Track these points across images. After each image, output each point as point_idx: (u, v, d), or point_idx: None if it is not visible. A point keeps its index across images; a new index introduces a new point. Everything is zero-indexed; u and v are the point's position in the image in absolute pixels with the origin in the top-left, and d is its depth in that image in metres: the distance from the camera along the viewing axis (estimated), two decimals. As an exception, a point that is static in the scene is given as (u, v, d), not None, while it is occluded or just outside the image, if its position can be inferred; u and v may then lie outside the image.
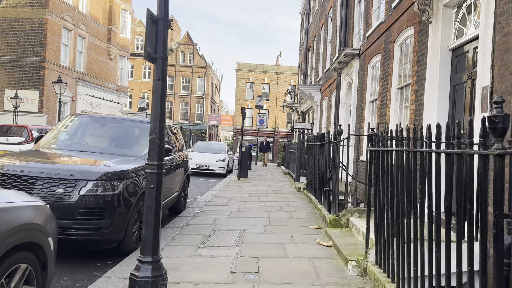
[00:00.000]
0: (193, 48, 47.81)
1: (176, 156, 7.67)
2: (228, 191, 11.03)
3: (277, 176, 16.71)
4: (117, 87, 29.97)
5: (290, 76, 46.80)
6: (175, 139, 8.10)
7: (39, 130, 13.88)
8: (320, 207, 7.84)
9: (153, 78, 3.20)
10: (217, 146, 18.74)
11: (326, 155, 7.29)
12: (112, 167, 4.96)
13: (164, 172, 3.24)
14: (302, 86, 17.70)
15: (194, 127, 47.74)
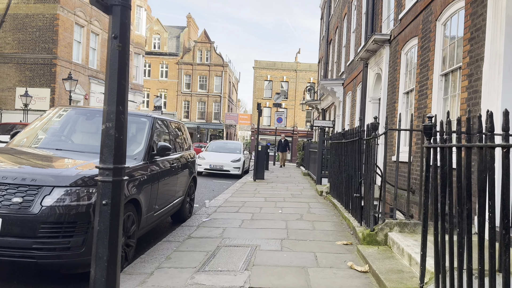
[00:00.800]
0: (210, 46, 46.98)
1: (180, 156, 6.63)
2: (241, 194, 9.93)
3: (296, 178, 15.52)
4: (132, 86, 29.30)
5: (309, 74, 45.42)
6: (179, 136, 7.05)
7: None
8: (347, 216, 6.65)
9: (108, 36, 2.09)
10: (232, 145, 17.67)
11: (356, 154, 6.10)
12: (87, 170, 3.91)
13: (124, 180, 2.14)
14: (323, 81, 16.47)
15: (211, 127, 46.92)
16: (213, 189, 11.84)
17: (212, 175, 15.95)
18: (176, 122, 7.11)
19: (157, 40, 47.48)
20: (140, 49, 30.04)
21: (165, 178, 5.54)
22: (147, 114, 5.69)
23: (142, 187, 4.66)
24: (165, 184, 5.57)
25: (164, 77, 47.28)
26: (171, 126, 6.60)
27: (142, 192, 4.65)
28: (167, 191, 5.71)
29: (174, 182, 6.02)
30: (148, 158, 5.05)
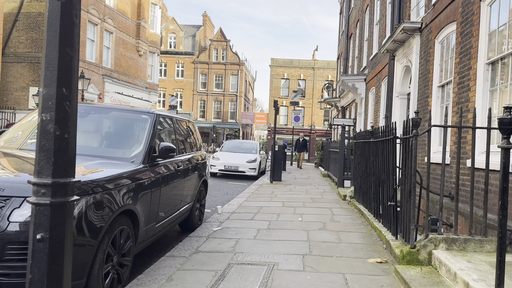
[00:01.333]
0: (226, 45, 46.40)
1: (189, 157, 5.93)
2: (257, 198, 9.18)
3: (315, 179, 14.69)
4: (147, 85, 28.91)
5: (328, 71, 44.34)
6: (188, 136, 6.36)
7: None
8: (377, 225, 5.83)
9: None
10: (248, 145, 16.94)
11: (388, 155, 5.29)
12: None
13: (72, 202, 1.41)
14: (344, 76, 15.57)
15: (227, 126, 46.34)
16: (227, 191, 11.13)
17: (226, 176, 15.26)
18: (185, 121, 6.42)
19: (173, 39, 47.16)
20: (155, 47, 29.61)
21: (170, 183, 4.84)
22: (148, 110, 5.00)
23: (140, 196, 3.96)
24: (170, 190, 4.87)
25: (180, 77, 46.92)
26: (178, 125, 5.90)
27: (139, 202, 3.95)
28: (172, 198, 5.01)
29: (180, 187, 5.32)
30: (148, 160, 4.35)
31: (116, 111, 4.98)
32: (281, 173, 13.38)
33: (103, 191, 3.35)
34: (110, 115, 4.85)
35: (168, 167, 4.83)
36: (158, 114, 4.99)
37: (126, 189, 3.70)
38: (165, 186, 4.68)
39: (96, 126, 4.73)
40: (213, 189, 11.37)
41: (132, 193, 3.81)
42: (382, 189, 5.70)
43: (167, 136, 5.36)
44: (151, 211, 4.28)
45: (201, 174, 6.50)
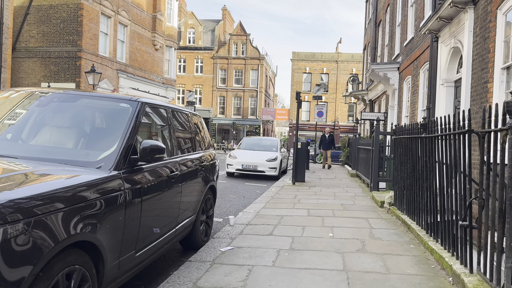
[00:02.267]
0: (246, 39, 45.12)
1: (190, 159, 4.70)
2: (278, 204, 7.88)
3: (342, 180, 13.25)
4: (164, 80, 27.96)
5: (352, 64, 42.49)
6: (190, 132, 5.12)
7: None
8: (433, 246, 4.45)
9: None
10: (267, 142, 15.60)
11: (455, 156, 3.89)
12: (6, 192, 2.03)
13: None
14: (374, 65, 14.03)
15: (247, 123, 45.12)
16: (244, 195, 9.86)
17: (244, 176, 14.00)
18: (187, 113, 5.16)
19: (192, 35, 46.21)
20: (172, 41, 28.61)
21: (158, 194, 3.60)
22: (131, 98, 3.77)
23: (105, 217, 2.72)
24: (158, 204, 3.64)
25: (199, 73, 45.97)
26: (177, 118, 4.66)
27: (105, 226, 2.71)
28: (162, 214, 3.77)
29: (175, 198, 4.08)
30: (124, 165, 3.11)
31: (87, 98, 3.75)
32: (304, 173, 12.02)
33: (34, 216, 2.12)
34: (78, 104, 3.62)
35: (156, 172, 3.58)
36: (143, 102, 3.74)
37: (79, 210, 2.46)
38: (150, 198, 3.43)
39: (58, 118, 3.52)
40: (228, 192, 10.13)
41: (91, 215, 2.57)
42: (443, 200, 4.30)
43: (158, 132, 4.12)
44: (127, 236, 3.04)
45: (207, 178, 5.24)
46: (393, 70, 13.79)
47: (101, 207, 2.68)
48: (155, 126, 4.04)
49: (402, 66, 13.21)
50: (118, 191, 2.91)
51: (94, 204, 2.61)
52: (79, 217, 2.44)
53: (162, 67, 27.80)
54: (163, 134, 4.18)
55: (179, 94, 45.30)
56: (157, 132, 4.08)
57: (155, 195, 3.52)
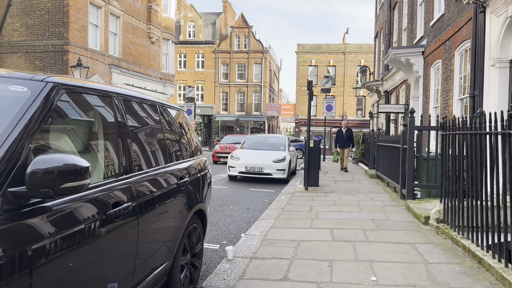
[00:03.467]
0: (249, 31, 43.30)
1: (164, 173, 3.04)
2: (290, 220, 6.18)
3: (362, 182, 11.52)
4: (161, 75, 26.30)
5: (360, 56, 40.56)
6: (164, 132, 3.45)
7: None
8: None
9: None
10: (274, 140, 13.86)
11: None
12: None
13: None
14: (395, 50, 12.23)
15: (252, 119, 43.39)
16: (248, 205, 8.17)
17: (248, 180, 12.32)
18: (157, 104, 3.48)
19: (192, 28, 44.45)
20: (169, 33, 26.90)
21: (80, 247, 1.92)
22: (33, 76, 2.09)
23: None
24: (81, 263, 1.96)
25: (200, 68, 44.24)
26: (137, 113, 3.00)
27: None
28: (92, 277, 2.09)
29: (124, 245, 2.40)
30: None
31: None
32: (318, 176, 10.31)
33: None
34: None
35: (70, 216, 1.90)
36: (57, 84, 2.08)
37: None
38: (70, 253, 1.77)
39: None
40: (228, 201, 8.44)
41: None
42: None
43: (95, 138, 2.43)
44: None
45: (191, 200, 3.57)
46: (416, 54, 12.01)
47: None
48: (87, 127, 2.36)
49: (428, 50, 11.43)
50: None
51: None
52: None
53: (159, 62, 26.12)
54: (106, 140, 2.49)
55: (180, 90, 43.67)
56: (92, 138, 2.39)
57: (72, 249, 1.84)
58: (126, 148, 2.60)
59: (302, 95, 41.58)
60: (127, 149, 2.61)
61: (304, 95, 41.64)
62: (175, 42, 43.76)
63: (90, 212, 2.03)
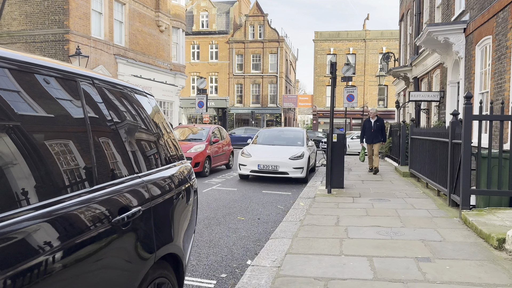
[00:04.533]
0: (263, 20, 41.57)
1: (87, 204, 1.51)
2: (312, 241, 4.70)
3: (394, 182, 9.93)
4: (171, 66, 24.99)
5: (382, 43, 38.42)
6: (109, 132, 1.95)
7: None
8: None
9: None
10: (290, 133, 12.31)
11: None
12: None
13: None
14: (431, 27, 10.48)
15: (267, 111, 41.82)
16: (259, 214, 6.72)
17: (261, 179, 10.86)
18: (90, 80, 2.00)
19: (205, 18, 42.99)
20: (179, 22, 25.51)
21: None
22: None
23: None
24: None
25: (214, 59, 42.81)
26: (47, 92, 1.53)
27: None
28: None
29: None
30: None
31: None
32: (342, 176, 8.77)
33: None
34: None
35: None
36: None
37: None
38: None
39: None
40: (236, 208, 7.00)
41: None
42: None
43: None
44: None
45: (149, 241, 2.12)
46: (457, 32, 10.27)
47: None
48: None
49: (472, 26, 9.68)
50: None
51: None
52: None
53: (169, 52, 24.80)
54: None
55: (194, 83, 42.38)
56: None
57: None
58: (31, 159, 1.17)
59: (320, 86, 39.77)
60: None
61: (322, 85, 39.82)
62: (188, 32, 42.45)
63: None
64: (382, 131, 11.59)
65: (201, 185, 9.69)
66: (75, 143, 1.72)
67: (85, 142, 1.79)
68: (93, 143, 1.83)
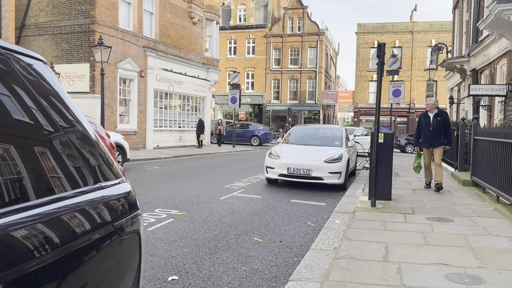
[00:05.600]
0: (303, 12, 39.83)
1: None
2: (352, 285, 3.23)
3: (454, 193, 8.17)
4: (204, 60, 23.98)
5: (431, 35, 35.62)
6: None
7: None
8: None
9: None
10: (327, 132, 10.72)
11: None
12: None
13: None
14: (502, 5, 8.54)
15: (305, 108, 40.10)
16: (283, 235, 5.29)
17: (292, 185, 9.41)
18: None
19: (243, 12, 41.86)
20: (213, 13, 24.43)
21: None
22: None
23: None
24: None
25: (251, 54, 41.61)
26: None
27: None
28: None
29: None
30: None
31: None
32: (390, 184, 7.17)
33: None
34: None
35: None
36: None
37: None
38: None
39: None
40: (254, 225, 5.58)
41: None
42: None
43: None
44: None
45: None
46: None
47: None
48: None
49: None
50: None
51: None
52: None
53: (202, 45, 23.79)
54: None
55: (230, 79, 41.37)
56: None
57: None
58: None
59: (362, 81, 37.53)
60: None
61: (365, 80, 37.57)
62: (225, 27, 41.49)
63: None
64: (446, 130, 8.19)
65: (221, 191, 8.40)
66: None
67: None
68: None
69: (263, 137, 27.68)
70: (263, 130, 28.14)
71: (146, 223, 5.55)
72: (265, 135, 27.85)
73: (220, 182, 9.63)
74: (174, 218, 5.86)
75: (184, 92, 22.08)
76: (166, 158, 15.68)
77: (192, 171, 11.63)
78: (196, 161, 14.99)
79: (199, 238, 4.93)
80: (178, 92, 21.62)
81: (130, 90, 18.20)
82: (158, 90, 19.96)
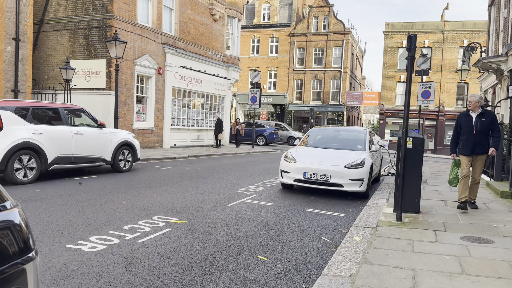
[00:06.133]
0: (329, 11, 38.81)
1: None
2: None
3: (491, 206, 7.26)
4: (225, 58, 23.45)
5: (463, 35, 33.97)
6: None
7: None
8: None
9: None
10: (349, 134, 9.90)
11: None
12: None
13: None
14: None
15: (329, 109, 39.06)
16: (292, 252, 4.58)
17: (308, 191, 8.66)
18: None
19: (267, 10, 41.19)
20: (235, 10, 23.88)
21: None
22: None
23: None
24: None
25: (274, 53, 40.89)
26: None
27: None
28: None
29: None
30: None
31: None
32: (419, 195, 6.35)
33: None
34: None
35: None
36: None
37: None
38: None
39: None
40: (261, 238, 4.88)
41: None
42: None
43: None
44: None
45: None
46: None
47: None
48: None
49: None
50: None
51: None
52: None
53: (222, 42, 23.26)
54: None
55: (250, 77, 40.77)
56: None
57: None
58: None
59: (389, 82, 36.20)
60: None
61: (392, 81, 36.23)
62: (248, 25, 40.94)
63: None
64: (495, 133, 6.53)
65: (230, 196, 7.76)
66: None
67: None
68: None
69: (269, 137, 26.94)
70: (269, 129, 27.37)
71: (139, 232, 4.97)
72: (271, 135, 27.10)
73: (231, 185, 9.00)
74: (172, 228, 5.25)
75: (203, 90, 21.60)
76: (180, 158, 15.19)
77: (204, 173, 11.05)
78: (211, 162, 14.43)
79: (194, 254, 4.30)
80: (197, 91, 21.15)
81: (148, 87, 17.84)
82: (176, 88, 19.54)
